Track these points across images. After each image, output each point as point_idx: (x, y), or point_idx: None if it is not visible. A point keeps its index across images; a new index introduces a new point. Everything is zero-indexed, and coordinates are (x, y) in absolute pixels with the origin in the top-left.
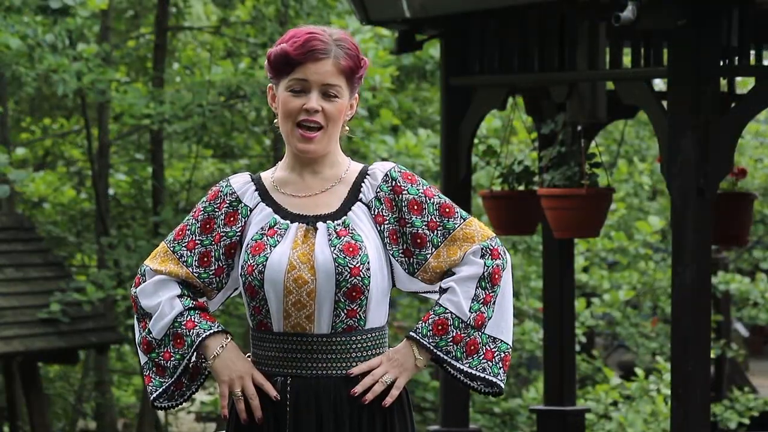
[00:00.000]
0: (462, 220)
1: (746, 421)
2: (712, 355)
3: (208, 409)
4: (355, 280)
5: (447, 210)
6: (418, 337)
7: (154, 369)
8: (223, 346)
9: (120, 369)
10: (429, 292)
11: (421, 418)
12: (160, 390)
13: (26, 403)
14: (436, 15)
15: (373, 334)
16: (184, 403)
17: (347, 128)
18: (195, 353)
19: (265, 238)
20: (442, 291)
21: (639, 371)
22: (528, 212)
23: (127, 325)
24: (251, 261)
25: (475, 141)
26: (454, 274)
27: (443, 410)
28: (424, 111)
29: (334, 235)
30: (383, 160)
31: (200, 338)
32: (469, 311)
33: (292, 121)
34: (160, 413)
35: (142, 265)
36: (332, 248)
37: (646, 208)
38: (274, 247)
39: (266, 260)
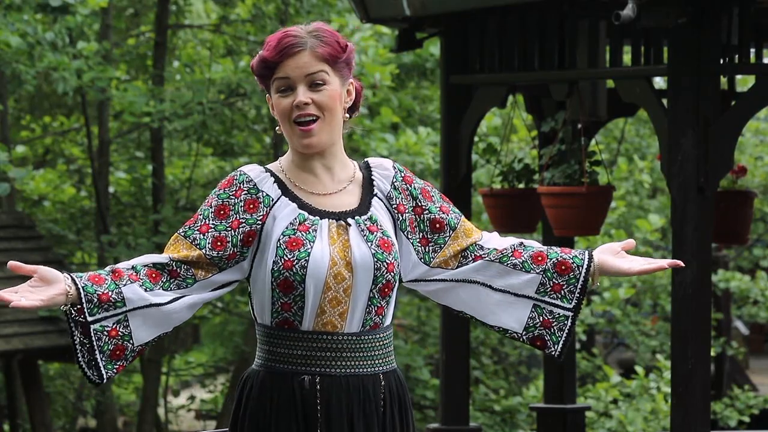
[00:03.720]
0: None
1: (746, 419)
2: (713, 353)
3: (209, 407)
4: (390, 275)
5: (447, 198)
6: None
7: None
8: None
9: None
10: (436, 279)
11: (421, 416)
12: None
13: (26, 401)
14: (436, 13)
15: (389, 332)
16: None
17: (347, 117)
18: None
19: (300, 233)
20: (513, 248)
21: (639, 369)
22: (528, 210)
23: None
24: (290, 256)
25: (476, 139)
26: (480, 248)
27: (443, 408)
28: (424, 109)
29: (367, 231)
30: (383, 158)
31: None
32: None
33: (288, 121)
34: (160, 411)
35: None
36: (369, 243)
37: (646, 206)
38: (313, 242)
39: (308, 255)
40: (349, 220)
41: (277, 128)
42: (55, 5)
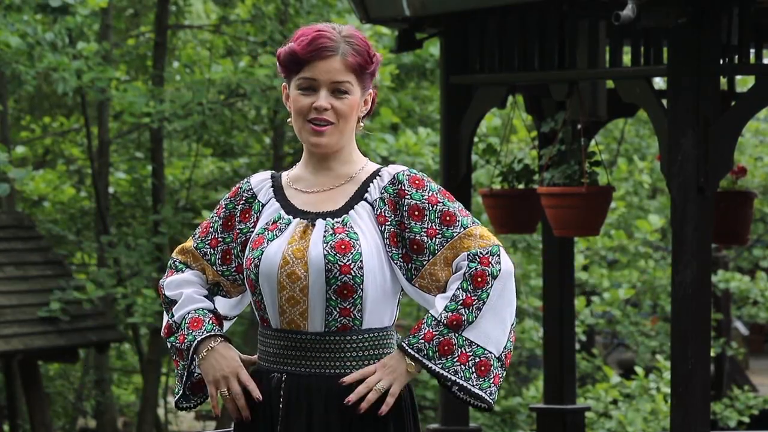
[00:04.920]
0: (462, 229)
1: (746, 419)
2: (712, 354)
3: (208, 407)
4: (346, 278)
5: (448, 218)
6: (399, 343)
7: (176, 375)
8: (209, 349)
9: (120, 367)
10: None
11: (421, 416)
12: (177, 396)
13: (26, 402)
14: (436, 13)
15: (372, 335)
16: (203, 402)
17: (362, 125)
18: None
19: (266, 232)
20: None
21: (639, 370)
22: (528, 211)
23: (127, 324)
24: (250, 255)
25: (475, 139)
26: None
27: (443, 408)
28: (424, 109)
29: (330, 232)
30: (383, 158)
31: (193, 345)
32: (444, 310)
33: (302, 119)
34: (160, 411)
35: (172, 257)
36: (324, 245)
37: (646, 206)
38: (272, 241)
39: (261, 254)
40: (318, 221)
41: (288, 120)
42: (55, 5)
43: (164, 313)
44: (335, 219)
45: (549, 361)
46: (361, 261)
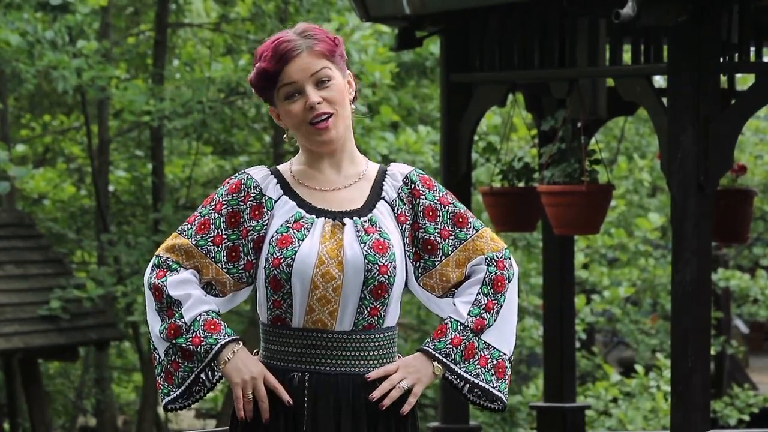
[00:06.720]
0: (474, 231)
1: (746, 417)
2: (712, 352)
3: (208, 405)
4: (383, 278)
5: (460, 220)
6: (422, 346)
7: (163, 375)
8: (234, 352)
9: (120, 366)
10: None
11: (421, 414)
12: (170, 397)
13: (26, 400)
14: (436, 11)
15: (388, 333)
16: (193, 404)
17: (354, 106)
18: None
19: (292, 231)
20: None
21: (639, 368)
22: (528, 209)
23: (127, 322)
24: (278, 254)
25: (475, 138)
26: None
27: (443, 407)
28: (424, 108)
29: (363, 232)
30: (383, 156)
31: (215, 348)
32: (468, 314)
33: (304, 124)
34: (160, 409)
35: (161, 255)
36: (362, 245)
37: (646, 204)
38: (302, 240)
39: (295, 254)
40: (346, 220)
41: (285, 136)
42: (55, 4)
43: (159, 312)
44: (362, 218)
45: (549, 359)
46: (395, 261)
